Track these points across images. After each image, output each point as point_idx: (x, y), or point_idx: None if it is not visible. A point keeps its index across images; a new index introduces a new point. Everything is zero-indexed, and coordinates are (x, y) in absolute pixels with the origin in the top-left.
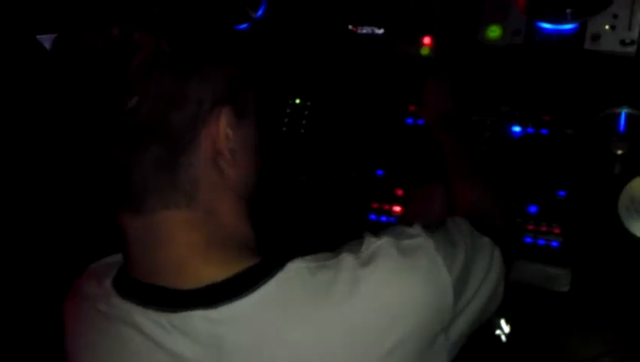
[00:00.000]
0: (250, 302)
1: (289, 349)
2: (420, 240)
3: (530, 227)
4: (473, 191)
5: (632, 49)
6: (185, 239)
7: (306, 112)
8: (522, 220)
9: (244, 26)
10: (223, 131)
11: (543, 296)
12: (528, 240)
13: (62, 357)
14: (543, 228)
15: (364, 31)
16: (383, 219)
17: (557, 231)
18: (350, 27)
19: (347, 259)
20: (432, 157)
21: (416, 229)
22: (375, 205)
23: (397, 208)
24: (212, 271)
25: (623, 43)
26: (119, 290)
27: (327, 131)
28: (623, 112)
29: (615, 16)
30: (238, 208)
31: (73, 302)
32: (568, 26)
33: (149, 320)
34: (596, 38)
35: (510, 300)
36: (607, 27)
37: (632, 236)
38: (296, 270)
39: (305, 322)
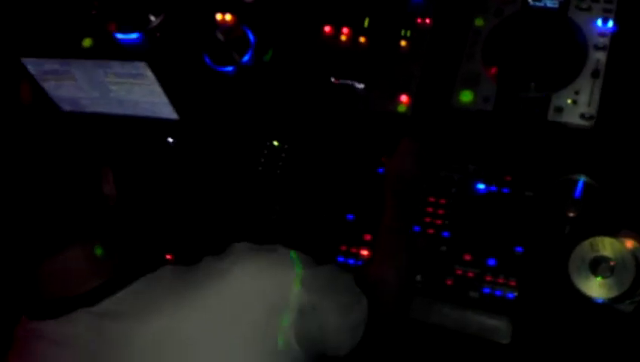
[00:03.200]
0: (121, 296)
1: (154, 333)
2: (277, 246)
3: (489, 278)
4: (387, 272)
5: (590, 123)
6: (85, 266)
7: (283, 155)
8: (481, 271)
9: (229, 68)
10: (106, 182)
11: (485, 346)
12: (486, 290)
13: None
14: (500, 280)
15: (345, 84)
16: (351, 261)
17: (513, 284)
18: (333, 79)
19: (208, 259)
20: None
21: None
22: (344, 248)
23: (364, 252)
24: (96, 282)
25: (582, 117)
26: (29, 316)
27: (302, 174)
28: (580, 180)
29: (577, 93)
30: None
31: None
32: (535, 97)
33: (47, 326)
34: (559, 110)
35: (454, 349)
36: (569, 101)
37: (581, 294)
38: (163, 271)
39: (168, 310)
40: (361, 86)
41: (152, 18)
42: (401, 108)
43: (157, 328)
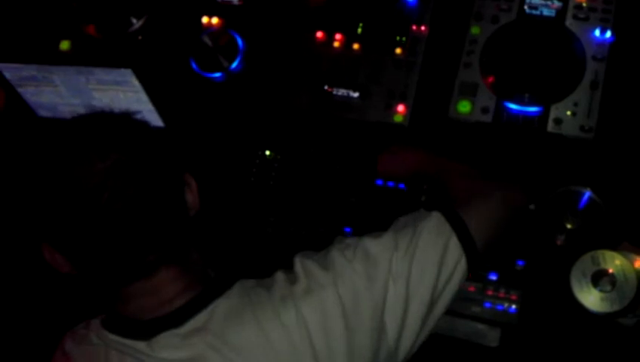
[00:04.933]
0: (204, 315)
1: (243, 344)
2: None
3: (490, 292)
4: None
5: (590, 135)
6: (174, 286)
7: (276, 165)
8: (483, 285)
9: (217, 75)
10: (190, 191)
11: (475, 350)
12: (488, 304)
13: None
14: (502, 295)
15: (339, 93)
16: None
17: (514, 297)
18: (326, 87)
19: (279, 274)
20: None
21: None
22: None
23: None
24: (181, 300)
25: (582, 129)
26: (108, 328)
27: (296, 185)
28: (586, 192)
29: (576, 104)
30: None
31: (63, 345)
32: (533, 109)
33: (136, 346)
34: (558, 122)
35: (444, 354)
36: (568, 113)
37: (582, 307)
38: (240, 287)
39: (250, 322)
40: (355, 95)
41: (134, 20)
42: (398, 119)
43: (245, 344)
